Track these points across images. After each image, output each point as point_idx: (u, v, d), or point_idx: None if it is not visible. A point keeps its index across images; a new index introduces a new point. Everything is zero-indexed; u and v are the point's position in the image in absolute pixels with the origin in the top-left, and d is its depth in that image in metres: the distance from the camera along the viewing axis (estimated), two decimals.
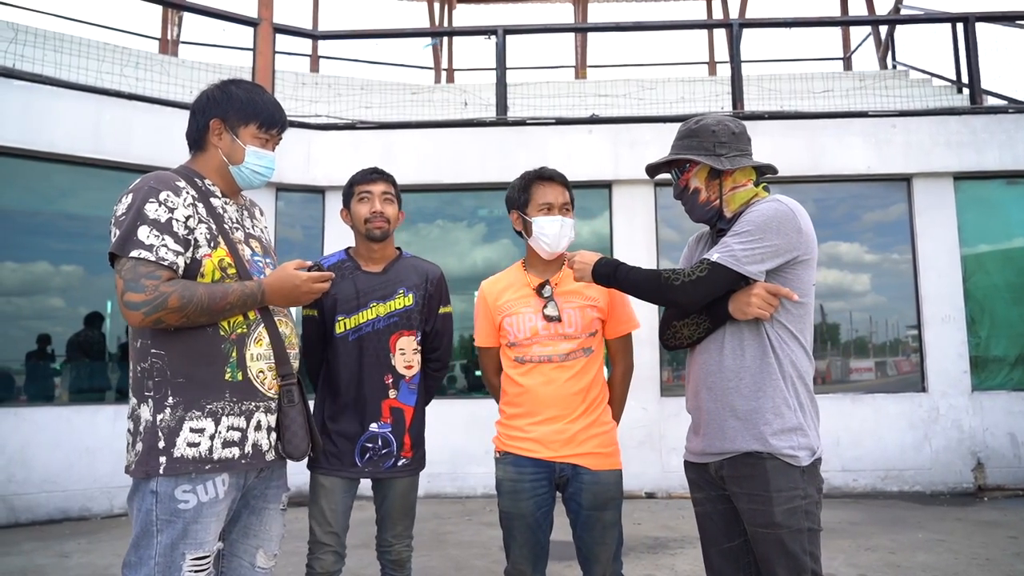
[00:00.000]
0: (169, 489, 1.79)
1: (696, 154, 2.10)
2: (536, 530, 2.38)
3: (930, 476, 6.61)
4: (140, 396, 1.84)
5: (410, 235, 7.64)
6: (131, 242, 1.81)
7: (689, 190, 2.15)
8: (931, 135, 7.02)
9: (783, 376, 2.01)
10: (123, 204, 1.88)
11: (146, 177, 1.92)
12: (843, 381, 7.26)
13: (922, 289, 6.94)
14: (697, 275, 1.97)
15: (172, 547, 1.78)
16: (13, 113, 5.88)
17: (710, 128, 2.12)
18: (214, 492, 1.84)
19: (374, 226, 2.63)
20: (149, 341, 1.85)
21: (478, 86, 9.26)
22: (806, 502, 1.96)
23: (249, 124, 2.02)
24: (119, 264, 1.82)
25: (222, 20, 7.61)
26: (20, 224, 6.25)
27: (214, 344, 1.88)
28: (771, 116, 7.22)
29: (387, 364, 2.59)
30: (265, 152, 2.06)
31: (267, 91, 2.12)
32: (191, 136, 2.06)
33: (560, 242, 2.46)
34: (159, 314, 1.78)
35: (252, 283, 1.93)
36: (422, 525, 5.51)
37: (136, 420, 1.84)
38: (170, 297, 1.78)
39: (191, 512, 1.80)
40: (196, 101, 2.06)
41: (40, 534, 5.28)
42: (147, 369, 1.84)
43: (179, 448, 1.81)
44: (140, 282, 1.78)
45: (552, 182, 2.50)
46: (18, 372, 6.24)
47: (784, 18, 8.37)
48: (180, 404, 1.82)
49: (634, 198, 7.06)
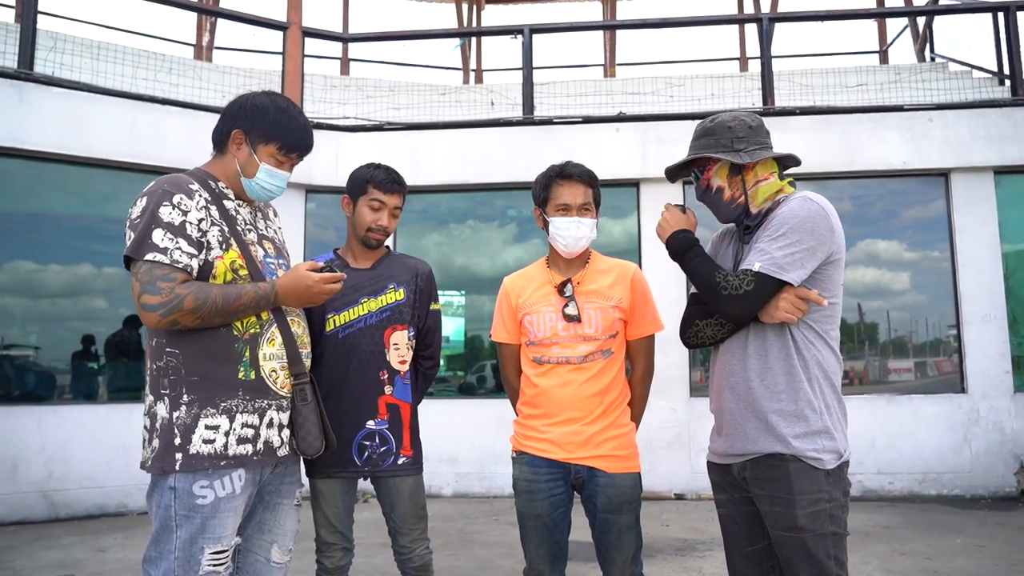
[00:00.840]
0: (187, 485, 1.82)
1: (714, 151, 2.06)
2: (553, 530, 2.36)
3: (970, 480, 6.43)
4: (156, 394, 1.88)
5: (441, 235, 7.68)
6: (146, 245, 1.85)
7: (712, 189, 2.11)
8: (970, 128, 6.82)
9: (808, 377, 1.97)
10: (137, 207, 1.90)
11: (160, 180, 1.95)
12: (882, 382, 7.09)
13: (961, 287, 6.74)
14: (744, 289, 1.93)
15: (191, 541, 1.81)
16: (53, 119, 6.06)
17: (726, 124, 2.08)
18: (231, 487, 1.87)
19: (374, 237, 2.60)
20: (164, 340, 1.89)
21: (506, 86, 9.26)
22: (831, 505, 1.91)
23: (270, 144, 2.04)
24: (135, 267, 1.86)
25: (252, 25, 7.73)
26: (65, 228, 6.46)
27: (228, 344, 1.91)
28: (803, 112, 7.09)
29: (382, 360, 2.55)
30: (277, 172, 2.07)
31: (302, 114, 2.12)
32: (215, 138, 2.10)
33: (577, 244, 2.42)
34: (175, 315, 1.82)
35: (266, 284, 1.96)
36: (449, 524, 5.54)
37: (152, 417, 1.88)
38: (185, 299, 1.82)
39: (209, 507, 1.83)
40: (230, 104, 2.08)
41: (79, 529, 5.43)
42: (162, 367, 1.87)
43: (195, 445, 1.84)
44: (156, 284, 1.82)
45: (571, 181, 2.44)
46: (61, 371, 6.44)
47: (816, 11, 8.20)
48: (195, 402, 1.86)
49: (663, 196, 6.87)
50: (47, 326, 6.47)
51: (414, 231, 7.58)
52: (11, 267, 6.22)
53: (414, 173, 7.16)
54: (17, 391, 6.17)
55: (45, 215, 6.39)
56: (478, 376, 7.63)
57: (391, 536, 2.59)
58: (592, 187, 2.46)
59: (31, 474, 5.68)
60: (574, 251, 2.44)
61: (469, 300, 7.72)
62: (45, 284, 6.40)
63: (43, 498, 5.70)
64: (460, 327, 7.65)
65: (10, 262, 6.20)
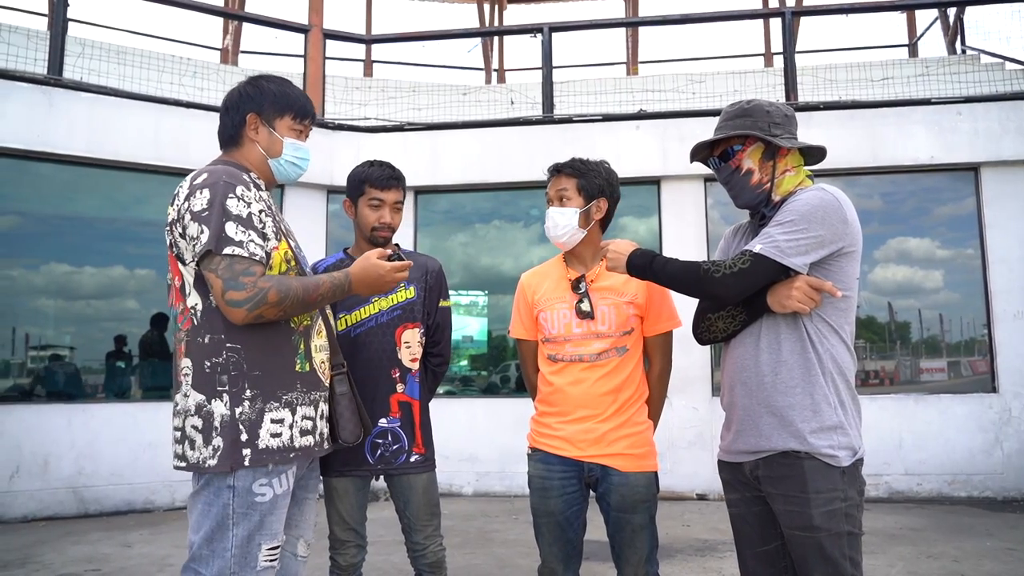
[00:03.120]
0: (247, 483, 1.81)
1: (751, 131, 2.02)
2: (566, 528, 2.35)
3: (1002, 481, 6.27)
4: (210, 391, 1.81)
5: (467, 235, 7.69)
6: (223, 239, 1.80)
7: (741, 171, 2.06)
8: (1001, 121, 6.65)
9: (823, 372, 1.93)
10: (200, 199, 1.84)
11: (214, 171, 1.90)
12: (913, 382, 6.94)
13: (992, 284, 6.59)
14: (739, 267, 1.90)
15: (249, 539, 1.81)
16: (81, 124, 6.19)
17: (763, 108, 2.05)
18: (286, 484, 1.89)
19: (380, 235, 2.62)
20: (223, 336, 1.84)
21: (527, 85, 9.26)
22: (846, 504, 1.88)
23: (284, 116, 2.04)
24: (212, 262, 1.80)
25: (275, 28, 7.82)
26: (98, 231, 6.62)
27: (286, 336, 1.91)
28: (826, 107, 6.97)
29: (394, 358, 2.56)
30: (301, 144, 2.08)
31: (294, 84, 2.13)
32: (225, 133, 2.06)
33: (554, 233, 2.42)
34: (260, 310, 1.80)
35: (339, 274, 1.98)
36: (469, 523, 5.55)
37: (207, 416, 1.81)
38: (269, 292, 1.81)
39: (268, 504, 1.84)
40: (227, 98, 2.07)
41: (107, 525, 5.54)
42: (221, 364, 1.82)
43: (263, 439, 1.83)
44: (239, 279, 1.79)
45: (554, 174, 2.47)
46: (92, 371, 6.59)
47: (841, 4, 8.06)
48: (259, 396, 1.84)
49: (684, 193, 6.94)
50: (81, 327, 6.63)
51: (439, 232, 7.61)
52: (47, 269, 6.38)
53: (434, 173, 7.21)
54: (49, 390, 6.32)
55: (79, 218, 6.55)
56: (502, 376, 7.64)
57: (404, 533, 2.60)
58: (576, 176, 2.42)
59: (61, 470, 5.81)
60: (557, 241, 2.44)
61: (492, 300, 7.72)
62: (80, 286, 6.56)
63: (72, 494, 5.83)
64: (484, 327, 7.66)
65: (46, 264, 6.37)
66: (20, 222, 6.30)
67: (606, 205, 2.48)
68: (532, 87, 8.72)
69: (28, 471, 5.72)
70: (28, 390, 6.28)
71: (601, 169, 2.48)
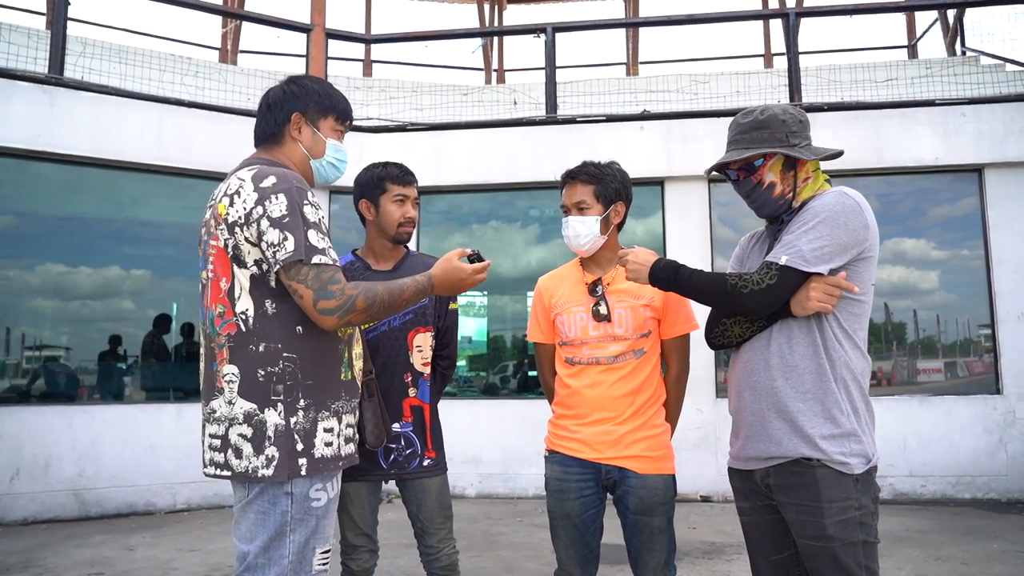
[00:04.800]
0: (304, 489, 1.82)
1: (772, 146, 1.99)
2: (584, 531, 2.33)
3: (1006, 483, 6.27)
4: (263, 400, 1.78)
5: (464, 236, 7.66)
6: (309, 248, 1.78)
7: (763, 185, 2.03)
8: (1005, 123, 6.66)
9: (835, 377, 1.90)
10: (279, 204, 1.78)
11: (283, 174, 1.85)
12: (910, 382, 6.95)
13: (996, 285, 6.59)
14: (767, 283, 1.87)
15: (305, 544, 1.82)
16: (83, 123, 6.15)
17: (779, 118, 2.00)
18: (337, 488, 1.91)
19: (406, 231, 2.60)
20: (279, 345, 1.81)
21: (528, 85, 9.22)
22: (860, 513, 1.85)
23: (328, 117, 2.03)
24: (300, 272, 1.77)
25: (276, 28, 7.78)
26: (95, 231, 6.57)
27: (334, 346, 1.90)
28: (831, 108, 6.97)
29: (406, 362, 2.54)
30: (341, 145, 2.06)
31: (333, 86, 2.11)
32: (267, 131, 2.00)
33: (575, 242, 2.40)
34: (349, 316, 1.81)
35: (422, 277, 1.97)
36: (473, 526, 5.52)
37: (259, 425, 1.78)
38: (357, 299, 1.81)
39: (322, 509, 1.85)
40: (271, 96, 2.02)
41: (108, 527, 5.50)
42: (277, 373, 1.79)
43: (318, 449, 1.83)
44: (327, 288, 1.78)
45: (569, 181, 2.43)
46: (91, 372, 6.55)
47: (844, 5, 8.05)
48: (311, 406, 1.83)
49: (688, 194, 6.92)
50: (78, 327, 6.58)
51: (437, 232, 7.58)
52: (43, 269, 6.33)
53: (437, 173, 7.18)
54: (49, 391, 6.27)
55: (76, 218, 6.50)
56: (501, 377, 7.62)
57: (417, 537, 2.58)
58: (593, 183, 2.40)
59: (62, 472, 5.77)
60: (579, 250, 2.43)
61: (492, 301, 7.70)
62: (76, 286, 6.51)
63: (73, 496, 5.79)
64: (483, 328, 7.64)
65: (42, 264, 6.32)
66: (17, 222, 6.25)
67: (624, 209, 2.47)
68: (533, 87, 8.69)
69: (29, 473, 5.67)
70: (27, 391, 6.24)
71: (616, 173, 2.46)
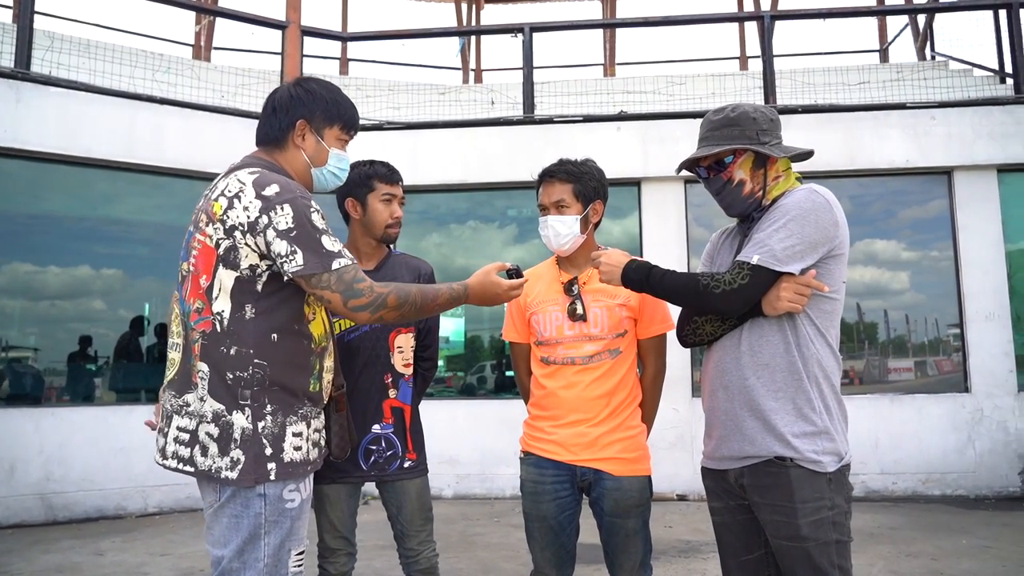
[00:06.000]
0: (277, 491, 1.80)
1: (743, 143, 1.99)
2: (559, 533, 2.32)
3: (974, 480, 6.39)
4: (231, 403, 1.77)
5: (441, 236, 7.63)
6: (325, 255, 1.79)
7: (733, 182, 2.03)
8: (973, 127, 6.79)
9: (807, 376, 1.91)
10: (285, 216, 1.77)
11: (285, 182, 1.83)
12: (881, 381, 7.06)
13: (964, 286, 6.72)
14: (739, 283, 1.88)
15: (280, 546, 1.80)
16: (51, 120, 6.02)
17: (750, 116, 2.00)
18: (309, 489, 1.90)
19: (393, 232, 2.58)
20: (251, 350, 1.79)
21: (505, 85, 9.22)
22: (833, 512, 1.86)
23: (334, 125, 1.99)
24: (322, 280, 1.78)
25: (251, 24, 7.69)
26: (64, 229, 6.42)
27: (306, 356, 1.89)
28: (805, 110, 7.06)
29: (387, 363, 2.52)
30: (343, 155, 2.03)
31: (342, 91, 2.06)
32: (271, 134, 1.97)
33: (555, 241, 2.37)
34: (381, 312, 1.84)
35: (458, 285, 2.00)
36: (450, 527, 5.50)
37: (226, 427, 1.76)
38: (388, 297, 1.84)
39: (296, 510, 1.83)
40: (277, 98, 1.98)
41: (77, 532, 5.38)
42: (245, 378, 1.78)
43: (287, 453, 1.81)
44: (354, 287, 1.80)
45: (546, 180, 2.41)
46: (59, 373, 6.40)
47: (818, 9, 8.15)
48: (279, 411, 1.82)
49: (664, 195, 6.96)
50: (46, 327, 6.44)
51: (414, 232, 7.54)
52: (10, 269, 6.18)
53: (414, 173, 7.13)
54: (15, 393, 6.12)
55: (44, 216, 6.35)
56: (478, 377, 7.60)
57: (397, 539, 2.55)
58: (572, 182, 2.38)
59: (29, 476, 5.63)
60: (559, 250, 2.41)
61: None
62: (44, 286, 6.37)
63: (41, 500, 5.66)
64: (460, 328, 7.62)
65: (8, 264, 6.17)
66: None
67: (602, 208, 2.46)
68: (510, 87, 8.69)
69: None
70: None
71: (594, 171, 2.45)
